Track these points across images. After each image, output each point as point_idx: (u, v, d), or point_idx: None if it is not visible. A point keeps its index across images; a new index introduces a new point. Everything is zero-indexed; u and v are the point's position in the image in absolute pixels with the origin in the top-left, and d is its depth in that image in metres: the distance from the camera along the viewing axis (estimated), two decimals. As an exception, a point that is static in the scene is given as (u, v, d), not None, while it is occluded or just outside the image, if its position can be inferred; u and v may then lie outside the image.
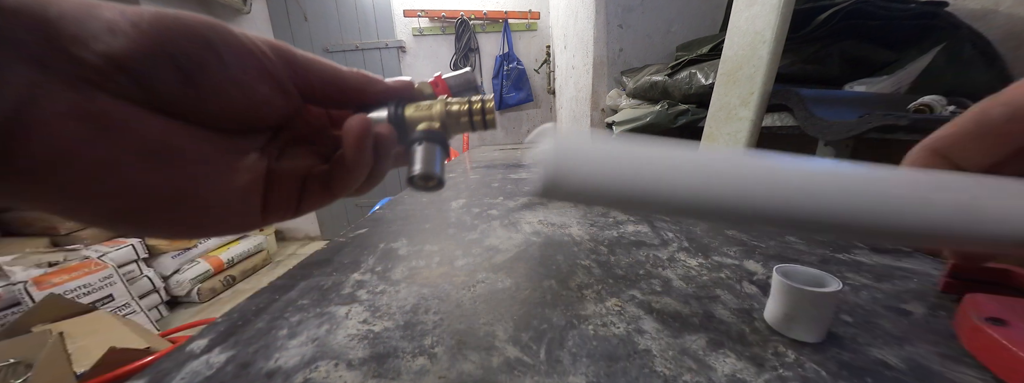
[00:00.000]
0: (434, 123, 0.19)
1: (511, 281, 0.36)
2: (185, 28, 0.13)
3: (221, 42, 0.14)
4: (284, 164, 0.19)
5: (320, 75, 0.18)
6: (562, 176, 0.13)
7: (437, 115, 0.19)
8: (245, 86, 0.15)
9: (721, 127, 0.79)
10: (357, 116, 0.17)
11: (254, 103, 0.16)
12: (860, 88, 0.76)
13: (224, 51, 0.14)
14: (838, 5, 0.72)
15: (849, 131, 0.60)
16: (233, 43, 0.14)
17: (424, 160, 0.18)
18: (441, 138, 0.19)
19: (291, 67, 0.17)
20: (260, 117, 0.17)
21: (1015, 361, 0.21)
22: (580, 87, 1.73)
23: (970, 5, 0.83)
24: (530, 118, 2.85)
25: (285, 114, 0.18)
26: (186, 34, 0.13)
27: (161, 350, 1.14)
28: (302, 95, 0.18)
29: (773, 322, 0.27)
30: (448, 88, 0.23)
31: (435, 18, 2.59)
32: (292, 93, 0.17)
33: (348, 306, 0.32)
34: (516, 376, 0.23)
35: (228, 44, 0.14)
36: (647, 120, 1.06)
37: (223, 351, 0.27)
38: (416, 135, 0.19)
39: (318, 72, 0.17)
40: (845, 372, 0.22)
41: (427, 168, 0.18)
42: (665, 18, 1.38)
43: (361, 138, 0.17)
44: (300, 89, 0.17)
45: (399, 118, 0.19)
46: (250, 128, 0.17)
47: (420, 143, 0.18)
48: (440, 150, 0.19)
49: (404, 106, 0.19)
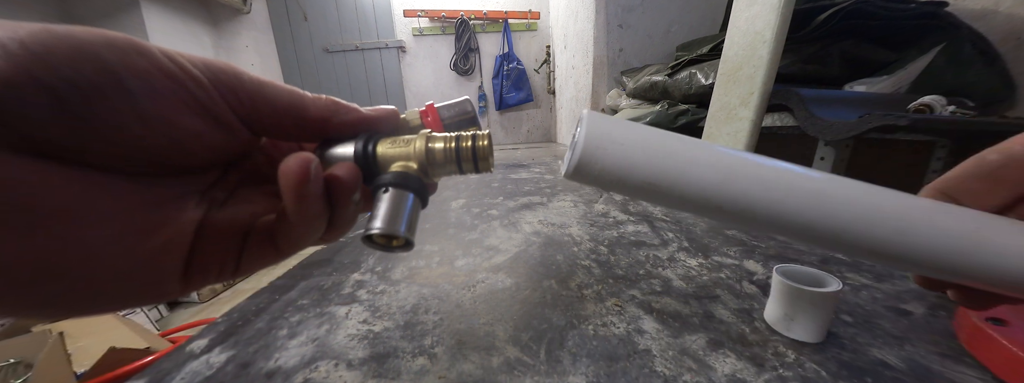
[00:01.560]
0: (411, 164, 0.16)
1: (511, 281, 0.36)
2: (72, 49, 0.10)
3: (125, 66, 0.11)
4: (226, 213, 0.15)
5: (272, 103, 0.14)
6: (591, 159, 0.13)
7: (416, 154, 0.15)
8: (160, 120, 0.12)
9: (721, 127, 0.79)
10: (296, 155, 0.13)
11: (175, 140, 0.13)
12: (860, 88, 0.76)
13: (129, 77, 0.11)
14: (838, 5, 0.72)
15: (849, 131, 0.60)
16: (143, 67, 0.11)
17: (388, 213, 0.14)
18: (416, 184, 0.15)
19: (234, 95, 0.14)
20: (190, 156, 0.13)
21: (1015, 361, 0.21)
22: (580, 87, 1.73)
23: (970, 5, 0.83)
24: (530, 118, 2.85)
25: (230, 151, 0.15)
26: (73, 56, 0.10)
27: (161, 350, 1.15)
28: (250, 128, 0.15)
29: (773, 322, 0.27)
30: (440, 120, 0.19)
31: (435, 18, 2.59)
32: (235, 126, 0.14)
33: (348, 306, 0.32)
34: (516, 376, 0.23)
35: (135, 68, 0.11)
36: (647, 120, 1.06)
37: (223, 351, 0.27)
38: (382, 179, 0.15)
39: (270, 100, 0.14)
40: (845, 372, 0.22)
41: (389, 225, 0.14)
42: (665, 18, 1.38)
43: (299, 183, 0.13)
44: (246, 121, 0.14)
45: (368, 156, 0.15)
46: (179, 170, 0.14)
47: (386, 190, 0.15)
48: (412, 200, 0.15)
49: (377, 140, 0.16)
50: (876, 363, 0.23)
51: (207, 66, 0.13)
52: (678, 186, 0.13)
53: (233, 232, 0.15)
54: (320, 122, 0.15)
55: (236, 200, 0.16)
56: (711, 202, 0.13)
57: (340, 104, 0.16)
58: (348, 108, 0.16)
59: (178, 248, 0.14)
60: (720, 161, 0.13)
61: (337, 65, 2.64)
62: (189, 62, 0.13)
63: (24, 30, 0.10)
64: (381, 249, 0.15)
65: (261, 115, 0.14)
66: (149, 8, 1.84)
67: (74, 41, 0.11)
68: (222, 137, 0.14)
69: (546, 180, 0.91)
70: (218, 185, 0.16)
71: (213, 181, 0.15)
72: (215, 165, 0.15)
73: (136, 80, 0.11)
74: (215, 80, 0.13)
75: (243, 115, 0.14)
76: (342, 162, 0.15)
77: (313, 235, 0.15)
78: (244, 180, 0.17)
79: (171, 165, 0.13)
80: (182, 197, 0.14)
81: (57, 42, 0.10)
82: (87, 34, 0.11)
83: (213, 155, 0.14)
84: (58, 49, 0.10)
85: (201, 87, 0.13)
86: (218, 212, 0.15)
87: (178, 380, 0.24)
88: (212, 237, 0.14)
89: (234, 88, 0.14)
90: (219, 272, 0.15)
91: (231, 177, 0.16)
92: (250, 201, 0.16)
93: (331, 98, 0.16)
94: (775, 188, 0.13)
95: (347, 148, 0.16)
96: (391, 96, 2.71)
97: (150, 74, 0.12)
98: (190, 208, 0.14)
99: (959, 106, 0.65)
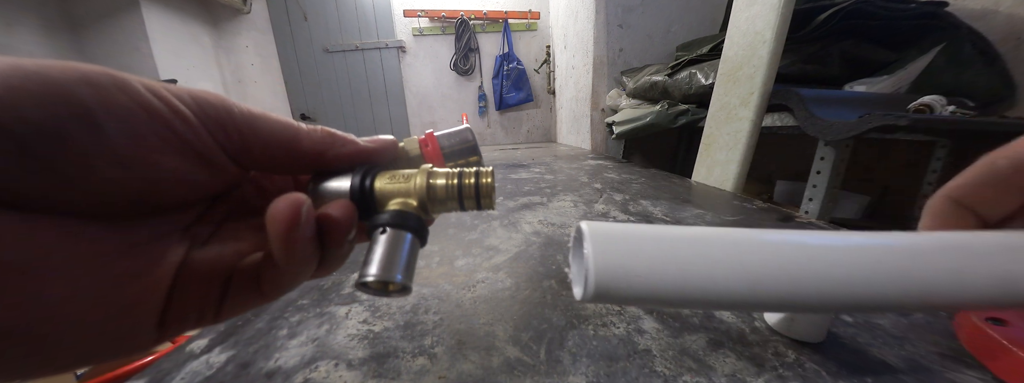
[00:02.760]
0: (410, 200, 0.15)
1: (511, 281, 0.36)
2: (42, 88, 0.09)
3: (102, 103, 0.10)
4: (209, 252, 0.14)
5: (264, 138, 0.13)
6: (605, 293, 0.13)
7: (416, 190, 0.15)
8: (138, 161, 0.11)
9: (721, 127, 0.79)
10: (286, 198, 0.12)
11: (154, 182, 0.11)
12: (860, 88, 0.76)
13: (105, 116, 0.10)
14: (838, 5, 0.72)
15: (849, 131, 0.60)
16: (123, 104, 0.10)
17: (384, 258, 0.13)
18: (415, 223, 0.14)
19: (223, 130, 0.12)
20: (171, 196, 0.12)
21: (1015, 361, 0.21)
22: (580, 87, 1.73)
23: (970, 5, 0.83)
24: (530, 118, 2.85)
25: (215, 187, 0.14)
26: (41, 97, 0.09)
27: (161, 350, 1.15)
28: (239, 164, 0.14)
29: (773, 322, 0.27)
30: (440, 149, 0.18)
31: (435, 18, 2.59)
32: (222, 163, 0.13)
33: (348, 306, 0.32)
34: (516, 376, 0.23)
35: (113, 106, 0.10)
36: (647, 120, 1.07)
37: (223, 351, 0.27)
38: (379, 218, 0.14)
39: (262, 135, 0.13)
40: (845, 372, 0.22)
41: (385, 271, 0.13)
42: (665, 18, 1.38)
43: (289, 229, 0.12)
44: (235, 156, 0.13)
45: (366, 192, 0.14)
46: (158, 209, 0.13)
47: (383, 231, 0.14)
48: (410, 240, 0.14)
49: (375, 174, 0.15)
50: (876, 363, 0.23)
51: (195, 100, 0.12)
52: (708, 301, 0.13)
53: (215, 275, 0.14)
54: (314, 155, 0.14)
55: (220, 236, 0.14)
56: (743, 305, 0.13)
57: (336, 136, 0.15)
58: (345, 140, 0.15)
59: (154, 296, 0.12)
60: (744, 265, 0.13)
61: (337, 65, 2.64)
62: (175, 96, 0.12)
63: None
64: (375, 294, 0.14)
65: (251, 150, 0.13)
66: (149, 8, 1.84)
67: (43, 79, 0.09)
68: (207, 175, 0.13)
69: (546, 180, 0.91)
70: (201, 220, 0.14)
71: (196, 217, 0.14)
72: (199, 202, 0.14)
73: (112, 120, 0.10)
74: (203, 115, 0.12)
75: (232, 151, 0.13)
76: (337, 200, 0.14)
77: (302, 278, 0.14)
78: (230, 213, 0.15)
79: (150, 205, 0.12)
80: (161, 237, 0.13)
81: (23, 81, 0.09)
82: (60, 71, 0.10)
83: (197, 193, 0.13)
84: (25, 89, 0.09)
85: (186, 124, 0.12)
86: (200, 252, 0.14)
87: (178, 380, 0.24)
88: (192, 281, 0.13)
89: (223, 123, 0.12)
90: (198, 319, 0.13)
91: (216, 211, 0.15)
92: (236, 237, 0.15)
93: (326, 129, 0.15)
94: (802, 280, 0.12)
95: (342, 182, 0.15)
96: (391, 96, 2.71)
97: (129, 112, 0.11)
98: (170, 250, 0.13)
99: (959, 106, 0.65)
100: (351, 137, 0.15)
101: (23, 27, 1.54)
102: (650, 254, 0.13)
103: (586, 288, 0.13)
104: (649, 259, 0.13)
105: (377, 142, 0.16)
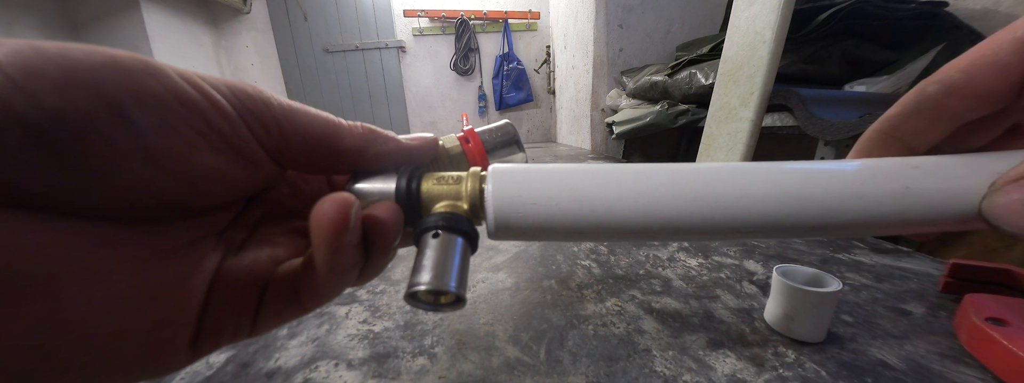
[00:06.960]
0: (461, 204, 0.13)
1: (511, 281, 0.36)
2: (63, 73, 0.08)
3: (132, 92, 0.09)
4: (244, 259, 0.13)
5: (304, 133, 0.12)
6: (506, 224, 0.13)
7: (467, 194, 0.13)
8: (171, 158, 0.10)
9: (721, 127, 0.79)
10: (332, 198, 0.11)
11: (188, 181, 0.10)
12: (860, 88, 0.76)
13: (134, 107, 0.09)
14: (838, 5, 0.72)
15: (849, 131, 0.60)
16: (155, 92, 0.09)
17: (436, 265, 0.12)
18: (467, 227, 0.13)
19: (262, 124, 0.11)
20: (205, 198, 0.11)
21: (1015, 361, 0.21)
22: (580, 87, 1.73)
23: (970, 5, 0.83)
24: (530, 118, 2.85)
25: (251, 188, 0.13)
26: (63, 82, 0.08)
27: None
28: (276, 160, 0.12)
29: (773, 322, 0.27)
30: (482, 145, 0.17)
31: (435, 18, 2.59)
32: (260, 160, 0.12)
33: (348, 306, 0.32)
34: (516, 376, 0.23)
35: (144, 94, 0.09)
36: (647, 120, 1.07)
37: (223, 351, 0.27)
38: (430, 221, 0.13)
39: (302, 130, 0.12)
40: (845, 372, 0.22)
41: (438, 280, 0.11)
42: (665, 18, 1.38)
43: (337, 232, 0.10)
44: (272, 152, 0.12)
45: (412, 194, 0.13)
46: (191, 212, 0.11)
47: (436, 235, 0.12)
48: (461, 246, 0.13)
49: (421, 176, 0.14)
50: (876, 363, 0.23)
51: (232, 91, 0.11)
52: (606, 228, 0.13)
53: (252, 284, 0.12)
54: (355, 153, 0.13)
55: (255, 242, 0.13)
56: (645, 230, 0.13)
57: (377, 133, 0.14)
58: (386, 137, 0.14)
59: (189, 309, 0.11)
60: (639, 190, 0.13)
61: (337, 65, 2.64)
62: (211, 86, 0.10)
63: (3, 48, 0.08)
64: (426, 308, 0.12)
65: (291, 147, 0.12)
66: (149, 8, 1.84)
67: (66, 62, 0.08)
68: (245, 173, 0.12)
69: (546, 180, 0.91)
70: (236, 224, 0.13)
71: (231, 220, 0.13)
72: (234, 203, 0.13)
73: (143, 110, 0.09)
74: (241, 107, 0.11)
75: (270, 147, 0.12)
76: (382, 202, 0.13)
77: (343, 287, 0.13)
78: (265, 217, 0.14)
79: (183, 207, 0.11)
80: (195, 243, 0.12)
81: (43, 64, 0.08)
82: (84, 54, 0.09)
83: (233, 194, 0.12)
84: (44, 73, 0.08)
85: (224, 116, 0.10)
86: (234, 259, 0.12)
87: (178, 380, 0.24)
88: (227, 291, 0.12)
89: (261, 116, 0.11)
90: (234, 334, 0.12)
91: (251, 213, 0.14)
92: (271, 242, 0.14)
93: (367, 126, 0.14)
94: (702, 199, 0.12)
95: (386, 183, 0.13)
96: (391, 96, 2.71)
97: (163, 102, 0.09)
98: (205, 256, 0.12)
99: (959, 106, 0.65)
100: (392, 134, 0.14)
101: (23, 27, 1.54)
102: (547, 185, 0.13)
103: (488, 222, 0.13)
104: (546, 190, 0.13)
105: (418, 140, 0.15)
